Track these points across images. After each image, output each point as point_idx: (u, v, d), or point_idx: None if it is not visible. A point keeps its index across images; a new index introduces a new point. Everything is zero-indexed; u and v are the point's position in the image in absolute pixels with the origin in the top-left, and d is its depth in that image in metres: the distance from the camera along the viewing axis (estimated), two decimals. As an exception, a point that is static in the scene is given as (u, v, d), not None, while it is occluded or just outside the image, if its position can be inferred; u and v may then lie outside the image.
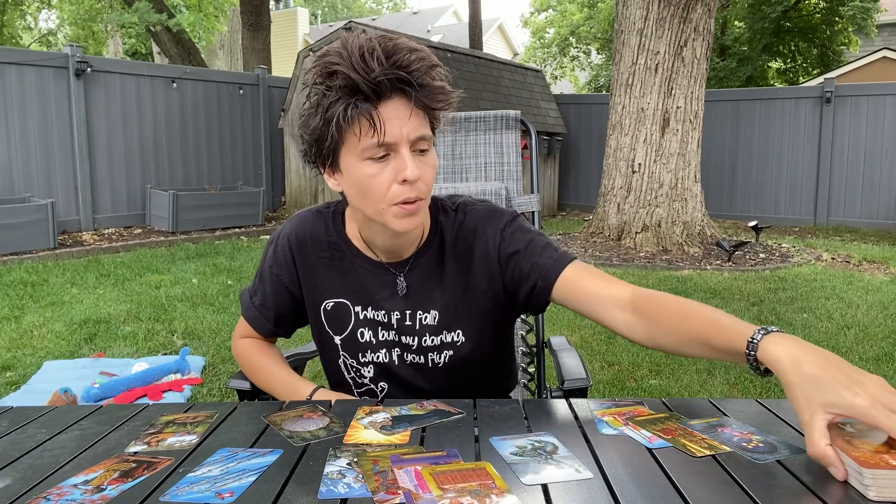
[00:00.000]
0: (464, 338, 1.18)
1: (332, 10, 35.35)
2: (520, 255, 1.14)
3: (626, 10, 6.91)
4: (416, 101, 1.00)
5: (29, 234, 6.07)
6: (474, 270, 1.16)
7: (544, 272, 1.12)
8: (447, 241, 1.17)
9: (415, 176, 1.00)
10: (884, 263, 6.22)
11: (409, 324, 1.17)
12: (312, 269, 1.20)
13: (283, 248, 1.22)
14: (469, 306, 1.17)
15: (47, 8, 19.11)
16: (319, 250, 1.20)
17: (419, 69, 0.99)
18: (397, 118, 0.99)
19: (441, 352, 1.18)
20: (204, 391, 3.08)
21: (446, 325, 1.17)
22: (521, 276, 1.14)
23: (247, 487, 0.78)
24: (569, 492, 0.76)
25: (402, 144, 1.01)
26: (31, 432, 0.99)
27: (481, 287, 1.17)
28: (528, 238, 1.15)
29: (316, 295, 1.21)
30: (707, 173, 8.96)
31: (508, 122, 1.86)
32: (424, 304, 1.17)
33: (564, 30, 19.96)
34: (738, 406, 1.05)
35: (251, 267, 5.83)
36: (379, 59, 0.97)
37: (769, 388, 3.15)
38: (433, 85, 1.01)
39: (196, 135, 8.38)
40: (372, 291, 1.18)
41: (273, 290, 1.24)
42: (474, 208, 1.19)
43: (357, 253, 1.18)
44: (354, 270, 1.18)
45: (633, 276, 5.63)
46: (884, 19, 15.90)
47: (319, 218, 1.21)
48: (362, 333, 1.19)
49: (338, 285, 1.19)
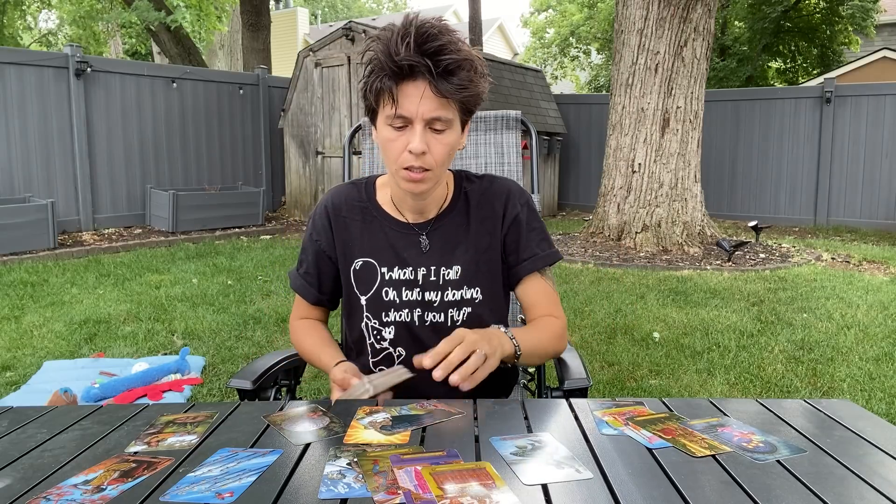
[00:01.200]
0: (481, 296, 1.30)
1: (332, 10, 35.34)
2: (523, 230, 1.32)
3: (626, 10, 6.91)
4: (432, 86, 1.12)
5: (29, 234, 6.07)
6: (495, 231, 1.32)
7: (532, 260, 1.32)
8: (472, 203, 1.32)
9: (417, 149, 1.14)
10: (884, 263, 6.22)
11: (433, 279, 1.29)
12: (346, 230, 1.33)
13: (320, 215, 1.35)
14: (490, 265, 1.31)
15: (47, 8, 19.11)
16: (352, 214, 1.33)
17: (445, 60, 1.11)
18: (414, 97, 1.13)
19: (461, 308, 1.29)
20: (204, 391, 3.08)
21: (467, 280, 1.29)
22: (514, 247, 1.32)
23: (247, 487, 0.78)
24: (569, 492, 0.76)
25: (417, 120, 1.14)
26: (31, 432, 0.99)
27: (499, 247, 1.32)
28: (537, 223, 1.35)
29: (347, 256, 1.33)
30: (707, 173, 8.95)
31: (509, 122, 1.86)
32: (448, 260, 1.29)
33: (564, 30, 19.96)
34: (738, 406, 1.05)
35: (251, 267, 5.83)
36: (408, 45, 1.10)
37: (769, 388, 3.15)
38: (454, 76, 1.12)
39: (196, 135, 8.38)
40: (400, 250, 1.30)
41: (314, 258, 1.36)
42: (500, 179, 1.37)
43: (386, 216, 1.32)
44: (383, 231, 1.31)
45: (634, 276, 5.64)
46: (884, 19, 15.91)
47: (353, 187, 1.36)
48: (387, 292, 1.29)
49: (367, 245, 1.31)
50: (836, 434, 0.95)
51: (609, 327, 4.07)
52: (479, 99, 1.19)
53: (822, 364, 3.44)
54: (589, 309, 4.49)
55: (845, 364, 3.44)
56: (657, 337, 3.87)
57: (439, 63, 1.10)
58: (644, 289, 5.11)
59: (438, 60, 1.10)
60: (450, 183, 1.33)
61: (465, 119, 1.22)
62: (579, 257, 6.38)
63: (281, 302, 4.61)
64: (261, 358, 1.48)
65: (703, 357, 3.55)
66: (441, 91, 1.12)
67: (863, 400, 3.00)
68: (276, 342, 3.78)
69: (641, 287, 5.18)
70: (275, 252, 6.59)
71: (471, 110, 1.21)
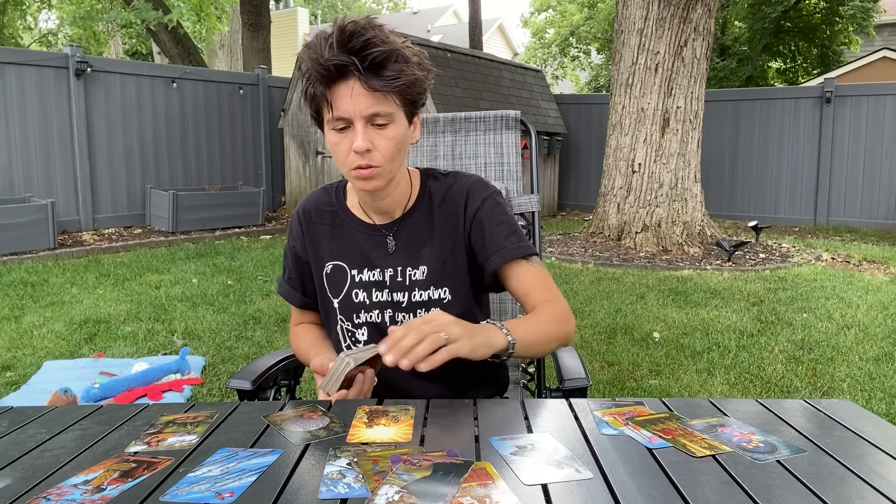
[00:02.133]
0: (450, 296, 1.29)
1: (332, 10, 35.34)
2: (486, 225, 1.27)
3: (626, 10, 6.91)
4: (362, 82, 1.11)
5: (29, 234, 6.07)
6: (459, 229, 1.29)
7: (501, 253, 1.25)
8: (434, 202, 1.30)
9: (360, 147, 1.13)
10: (884, 263, 6.22)
11: (399, 280, 1.29)
12: (317, 235, 1.34)
13: (295, 222, 1.38)
14: (455, 265, 1.29)
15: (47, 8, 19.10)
16: (322, 218, 1.34)
17: (371, 54, 1.09)
18: (347, 96, 1.12)
19: (429, 308, 1.28)
20: (204, 391, 3.08)
21: (434, 280, 1.28)
22: (480, 244, 1.28)
23: (247, 487, 0.78)
24: (569, 492, 0.76)
25: (357, 119, 1.13)
26: (31, 432, 0.99)
27: (464, 245, 1.29)
28: (501, 217, 1.29)
29: (319, 260, 1.34)
30: (707, 173, 8.95)
31: (508, 122, 1.86)
32: (414, 260, 1.29)
33: (564, 30, 19.95)
34: (738, 406, 1.05)
35: (251, 267, 5.83)
36: (331, 46, 1.10)
37: (769, 388, 3.15)
38: (383, 69, 1.11)
39: (196, 135, 8.37)
40: (367, 251, 1.30)
41: (294, 263, 1.39)
42: (465, 175, 1.34)
43: (354, 219, 1.32)
44: (352, 234, 1.32)
45: (634, 276, 5.64)
46: (884, 19, 15.91)
47: (325, 192, 1.37)
48: (356, 294, 1.30)
49: (336, 249, 1.32)
50: (836, 434, 0.95)
51: (609, 327, 4.07)
52: (417, 88, 1.17)
53: (822, 364, 3.44)
54: (589, 309, 4.49)
55: (845, 364, 3.44)
56: (657, 337, 3.87)
57: (365, 58, 1.09)
58: (644, 289, 5.11)
59: (364, 55, 1.09)
60: (415, 182, 1.32)
61: (411, 112, 1.20)
62: (579, 257, 6.38)
63: (281, 302, 4.61)
64: (260, 358, 1.48)
65: (703, 357, 3.55)
66: (372, 86, 1.11)
67: (863, 400, 3.00)
68: (276, 342, 3.78)
69: (641, 287, 5.18)
70: (275, 252, 6.59)
71: (414, 101, 1.19)
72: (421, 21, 29.10)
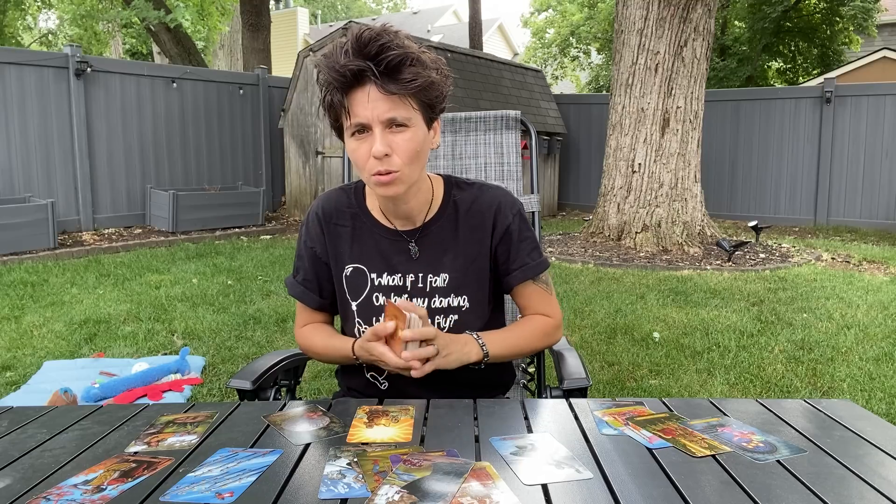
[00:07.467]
0: (468, 303, 1.30)
1: (332, 9, 35.35)
2: (514, 240, 1.32)
3: (626, 10, 6.91)
4: (378, 86, 1.12)
5: (29, 234, 6.07)
6: (485, 241, 1.31)
7: (523, 269, 1.32)
8: (461, 211, 1.31)
9: (379, 151, 1.13)
10: (884, 263, 6.21)
11: (420, 286, 1.29)
12: (337, 237, 1.34)
13: (312, 222, 1.36)
14: (478, 274, 1.31)
15: (47, 8, 19.10)
16: (343, 220, 1.33)
17: (386, 58, 1.10)
18: (365, 102, 1.13)
19: (447, 315, 1.29)
20: (204, 391, 3.08)
21: (454, 288, 1.29)
22: (505, 258, 1.32)
23: (247, 487, 0.78)
24: (569, 492, 0.76)
25: (375, 124, 1.13)
26: (31, 432, 0.99)
27: (488, 256, 1.32)
28: (526, 233, 1.34)
29: (339, 262, 1.33)
30: (707, 173, 8.95)
31: (508, 122, 1.86)
32: (435, 268, 1.30)
33: (564, 30, 19.96)
34: (738, 406, 1.05)
35: (251, 267, 5.83)
36: (347, 53, 1.11)
37: (769, 388, 3.15)
38: (399, 73, 1.12)
39: (196, 135, 8.37)
40: (389, 256, 1.30)
41: (311, 263, 1.36)
42: (490, 187, 1.36)
43: (375, 222, 1.32)
44: (373, 238, 1.31)
45: (633, 276, 5.63)
46: (884, 19, 15.91)
47: (343, 193, 1.36)
48: (377, 297, 1.30)
49: (357, 252, 1.32)
50: (837, 434, 0.95)
51: (609, 327, 4.07)
52: (435, 91, 1.17)
53: (822, 364, 3.44)
54: (589, 309, 4.49)
55: (845, 364, 3.44)
56: (657, 337, 3.87)
57: (381, 62, 1.10)
58: (644, 289, 5.11)
59: (380, 60, 1.10)
60: (437, 188, 1.32)
61: (430, 116, 1.20)
62: (579, 257, 6.38)
63: (281, 302, 4.61)
64: (260, 358, 1.48)
65: (703, 357, 3.55)
66: (388, 89, 1.11)
67: (863, 400, 3.00)
68: (276, 342, 3.78)
69: (641, 287, 5.18)
70: (275, 252, 6.58)
71: (432, 105, 1.19)
72: (421, 21, 29.10)
